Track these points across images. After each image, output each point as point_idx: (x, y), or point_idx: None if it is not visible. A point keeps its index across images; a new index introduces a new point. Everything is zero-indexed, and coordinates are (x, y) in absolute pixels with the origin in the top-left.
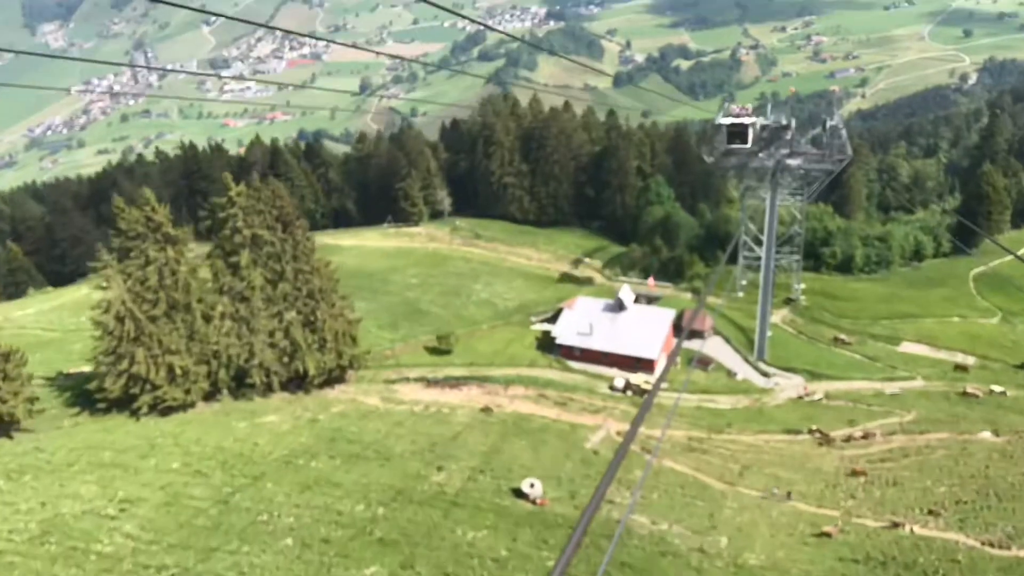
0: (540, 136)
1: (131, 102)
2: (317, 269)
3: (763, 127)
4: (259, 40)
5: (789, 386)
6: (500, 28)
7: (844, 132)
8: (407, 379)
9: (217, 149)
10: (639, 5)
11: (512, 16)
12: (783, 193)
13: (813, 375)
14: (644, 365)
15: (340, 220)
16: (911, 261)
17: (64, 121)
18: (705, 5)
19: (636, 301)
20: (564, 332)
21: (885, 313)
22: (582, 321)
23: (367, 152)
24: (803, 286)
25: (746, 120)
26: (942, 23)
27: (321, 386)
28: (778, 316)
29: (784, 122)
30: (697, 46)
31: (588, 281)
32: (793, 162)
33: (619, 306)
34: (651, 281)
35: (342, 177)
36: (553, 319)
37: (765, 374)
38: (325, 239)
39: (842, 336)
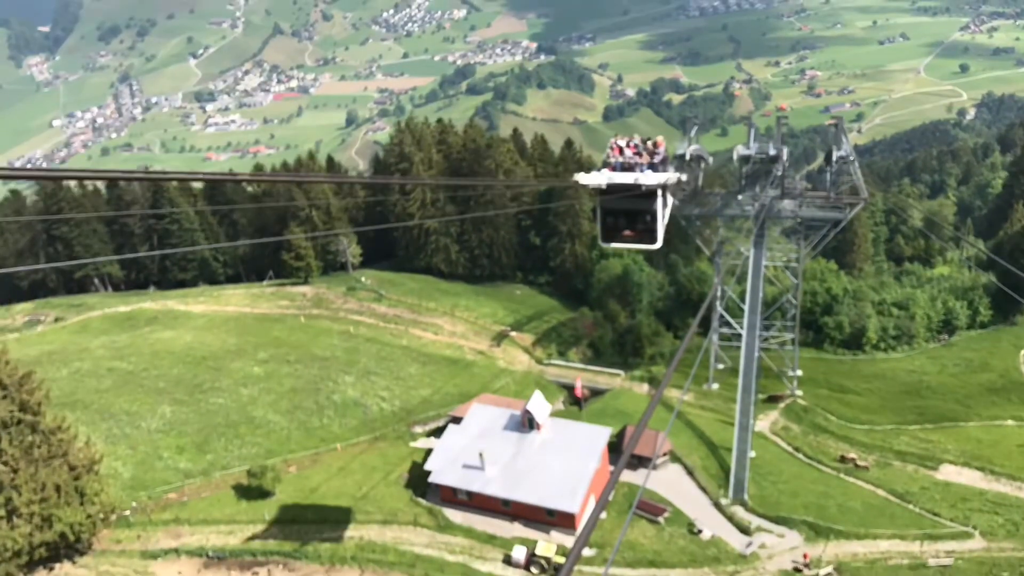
0: (471, 170)
1: (113, 135)
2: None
3: (744, 160)
4: (246, 73)
5: (780, 549)
6: (490, 62)
7: (857, 167)
8: (177, 551)
9: (94, 190)
10: (631, 41)
11: (503, 50)
12: (772, 248)
13: (816, 530)
14: (561, 520)
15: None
16: (939, 334)
17: (45, 154)
18: (698, 40)
19: (578, 401)
20: (444, 464)
21: (912, 413)
22: (472, 446)
23: (264, 189)
24: (800, 373)
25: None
26: (938, 57)
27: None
28: (766, 421)
29: (772, 153)
30: (689, 80)
31: (507, 367)
32: (786, 207)
33: (528, 422)
34: (578, 384)
35: (250, 219)
36: (443, 433)
37: (744, 529)
38: (171, 302)
39: (853, 456)
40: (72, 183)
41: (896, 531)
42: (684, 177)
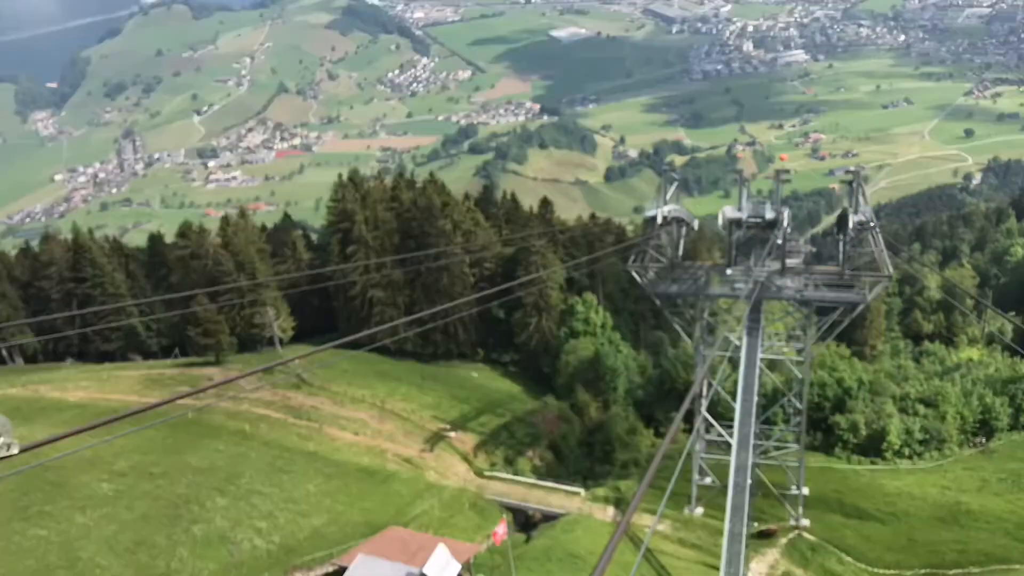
0: (422, 232)
1: (114, 190)
2: None
3: (734, 224)
4: (249, 131)
5: None
6: (493, 122)
7: (879, 235)
8: None
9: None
10: (635, 103)
11: (506, 111)
12: (769, 337)
13: None
14: None
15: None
16: (976, 437)
17: (44, 208)
18: (701, 103)
19: (528, 524)
20: None
21: (951, 551)
22: None
23: (192, 251)
24: (806, 492)
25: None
26: (943, 122)
27: None
28: (762, 564)
29: (770, 216)
30: (692, 142)
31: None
32: (788, 285)
33: None
34: (499, 530)
35: (189, 284)
36: None
37: None
38: (44, 387)
39: None
40: None
41: None
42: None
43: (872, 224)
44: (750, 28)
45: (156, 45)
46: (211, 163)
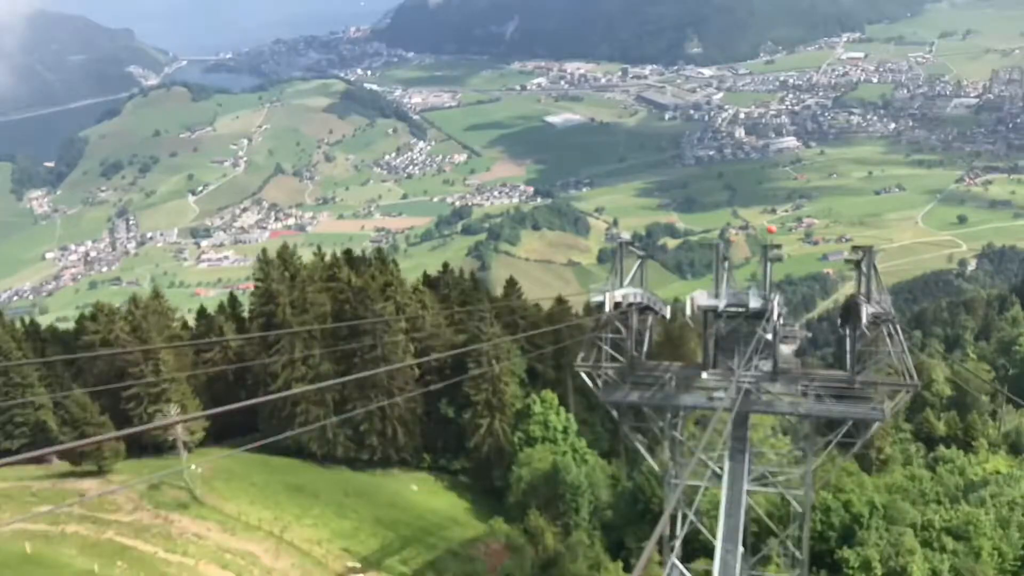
0: (356, 317)
1: (104, 269)
2: None
3: (708, 314)
4: (244, 211)
5: None
6: (487, 204)
7: (900, 333)
8: None
9: None
10: (628, 188)
11: (500, 193)
12: (758, 460)
13: None
14: None
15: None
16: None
17: (33, 287)
18: (694, 187)
19: None
20: None
21: None
22: None
23: (103, 336)
24: None
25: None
26: (935, 207)
27: None
28: None
29: (756, 304)
30: (685, 226)
31: None
32: (781, 395)
33: None
34: None
35: (98, 376)
36: None
37: None
38: None
39: None
40: None
41: None
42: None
43: (892, 317)
44: (742, 115)
45: (154, 126)
46: (204, 243)
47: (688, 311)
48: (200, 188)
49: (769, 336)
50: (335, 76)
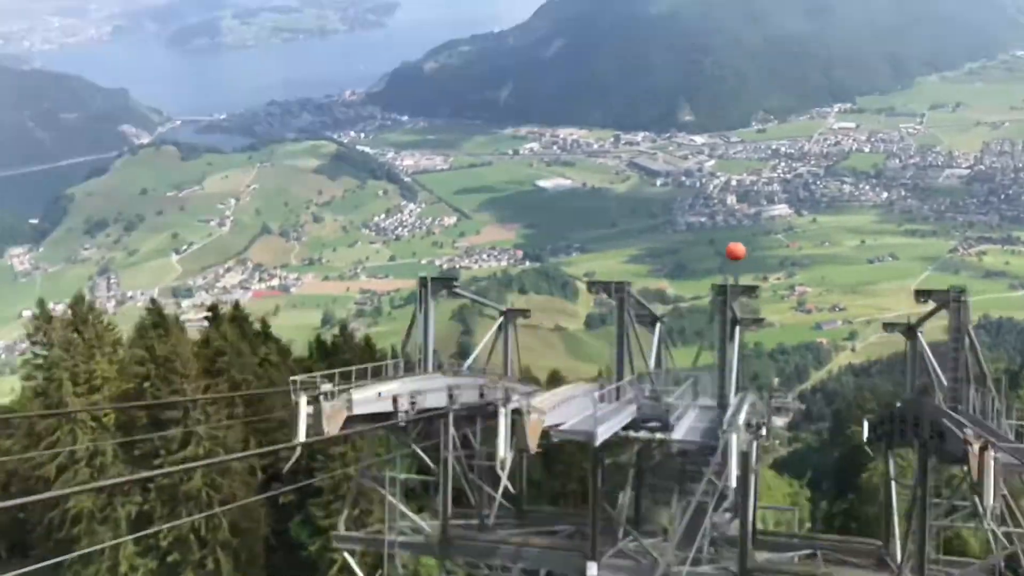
0: (155, 398)
1: None
2: None
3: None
4: (228, 270)
5: None
6: (476, 267)
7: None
8: None
9: None
10: (619, 253)
11: (489, 256)
12: None
13: None
14: None
15: None
16: None
17: (6, 345)
18: (685, 253)
19: None
20: None
21: None
22: None
23: None
24: None
25: None
26: (930, 276)
27: None
28: None
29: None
30: (675, 292)
31: None
32: None
33: None
34: None
35: None
36: None
37: None
38: None
39: None
40: None
41: None
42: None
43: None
44: (734, 182)
45: (141, 184)
46: (184, 303)
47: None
48: (184, 247)
49: (730, 484)
50: (327, 138)
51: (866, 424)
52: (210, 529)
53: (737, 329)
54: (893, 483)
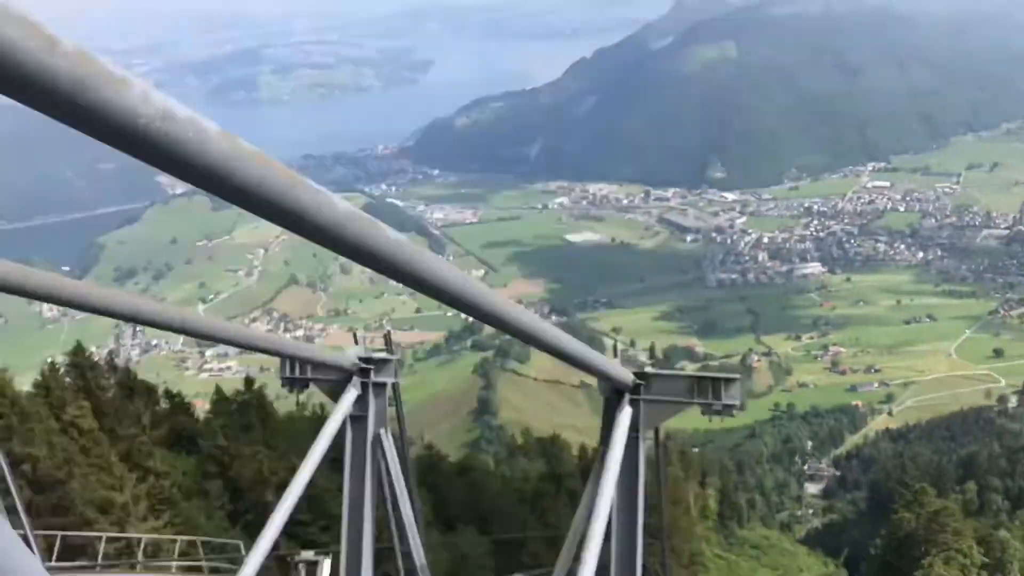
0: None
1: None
2: None
3: None
4: (253, 320)
5: None
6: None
7: None
8: None
9: None
10: (648, 309)
11: None
12: None
13: None
14: None
15: None
16: None
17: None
18: (715, 311)
19: None
20: None
21: None
22: None
23: None
24: None
25: None
26: (970, 338)
27: None
28: None
29: None
30: (705, 350)
31: None
32: None
33: None
34: None
35: None
36: None
37: None
38: None
39: None
40: None
41: None
42: None
43: None
44: (765, 239)
45: (172, 233)
46: (208, 352)
47: None
48: (211, 296)
49: None
50: (358, 191)
51: None
52: None
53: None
54: None
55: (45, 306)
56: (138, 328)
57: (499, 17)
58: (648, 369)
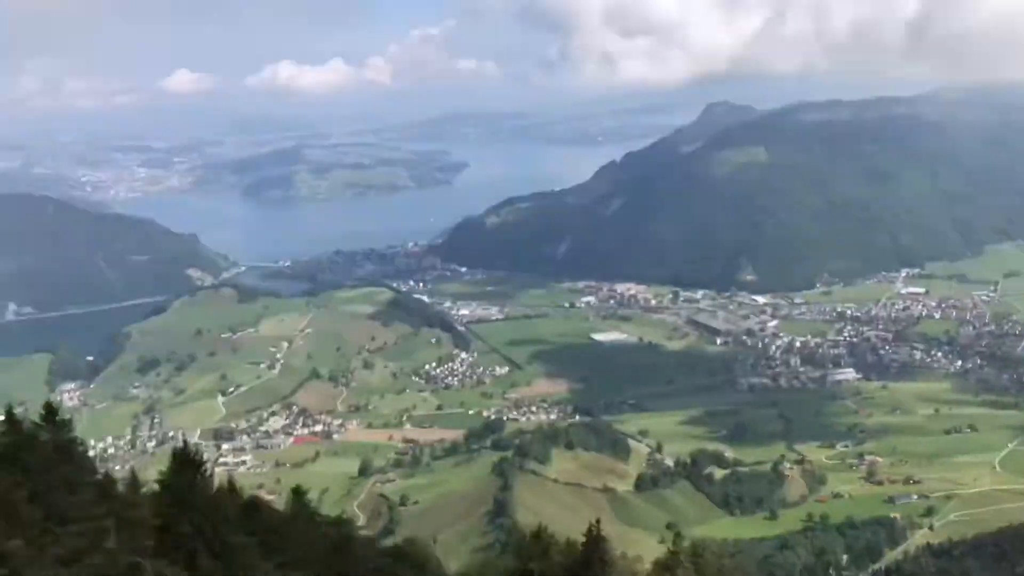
0: None
1: (117, 467)
2: None
3: None
4: (272, 414)
5: None
6: (523, 419)
7: None
8: None
9: None
10: (678, 414)
11: (538, 408)
12: None
13: None
14: None
15: None
16: None
17: None
18: (746, 415)
19: None
20: None
21: None
22: None
23: None
24: None
25: None
26: (1014, 449)
27: None
28: None
29: None
30: (735, 455)
31: None
32: None
33: None
34: None
35: None
36: None
37: None
38: None
39: None
40: None
41: None
42: None
43: None
44: (798, 344)
45: (197, 325)
46: (224, 445)
47: None
48: (232, 389)
49: None
50: (386, 285)
51: None
52: None
53: None
54: None
55: (66, 395)
56: (156, 419)
57: (529, 124)
58: None
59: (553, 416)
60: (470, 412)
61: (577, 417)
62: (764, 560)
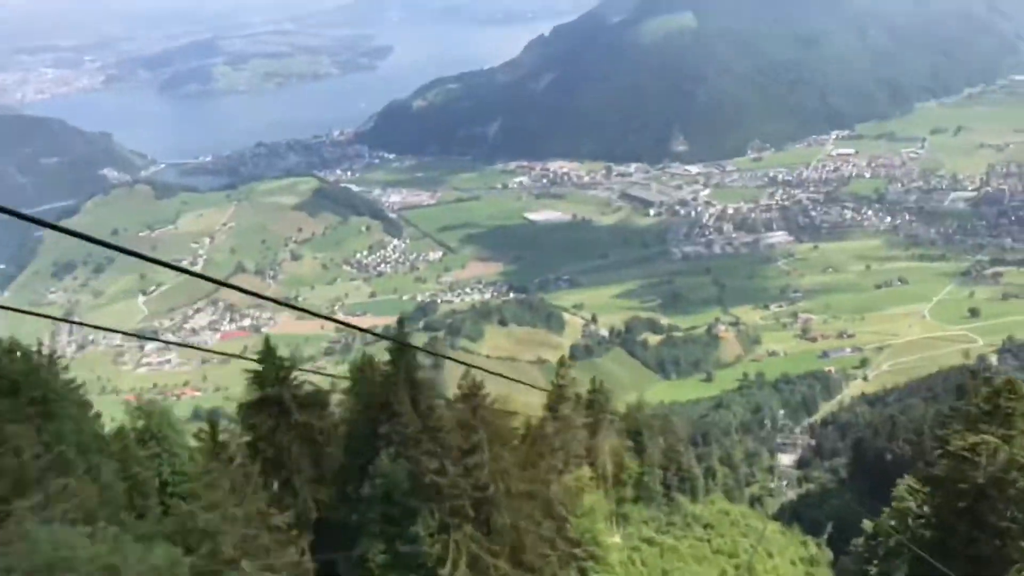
0: None
1: None
2: None
3: None
4: (197, 311)
5: None
6: (458, 300)
7: None
8: None
9: None
10: (614, 287)
11: (473, 290)
12: None
13: None
14: None
15: None
16: None
17: None
18: (681, 283)
19: None
20: None
21: None
22: None
23: None
24: None
25: None
26: (943, 300)
27: None
28: None
29: None
30: (670, 322)
31: None
32: None
33: None
34: None
35: None
36: None
37: None
38: None
39: None
40: None
41: None
42: None
43: None
44: (730, 211)
45: (113, 225)
46: (148, 346)
47: None
48: (152, 288)
49: None
50: (311, 175)
51: None
52: None
53: None
54: None
55: None
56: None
57: (456, 3)
58: None
59: (488, 296)
60: (404, 298)
61: (512, 295)
62: (700, 419)
